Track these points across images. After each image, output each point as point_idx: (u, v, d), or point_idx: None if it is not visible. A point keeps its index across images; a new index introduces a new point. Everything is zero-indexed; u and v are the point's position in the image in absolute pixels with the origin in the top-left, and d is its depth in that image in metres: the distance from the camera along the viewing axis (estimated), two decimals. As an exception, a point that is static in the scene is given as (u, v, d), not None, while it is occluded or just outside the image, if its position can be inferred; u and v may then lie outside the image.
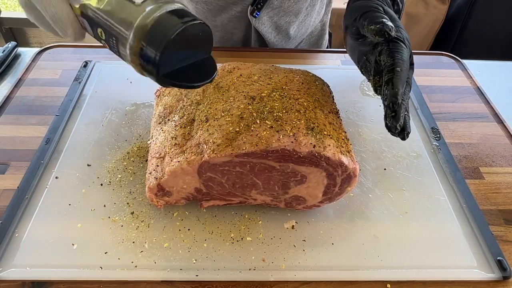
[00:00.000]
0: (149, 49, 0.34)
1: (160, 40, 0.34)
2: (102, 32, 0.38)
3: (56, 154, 0.62)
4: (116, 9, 0.36)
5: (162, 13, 0.34)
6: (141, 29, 0.34)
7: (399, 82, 0.48)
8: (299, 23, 0.91)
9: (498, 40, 1.76)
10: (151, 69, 0.35)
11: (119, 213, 0.55)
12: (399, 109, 0.48)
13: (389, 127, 0.48)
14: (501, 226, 0.57)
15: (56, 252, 0.50)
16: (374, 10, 0.55)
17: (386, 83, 0.49)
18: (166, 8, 0.35)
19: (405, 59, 0.51)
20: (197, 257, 0.51)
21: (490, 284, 0.50)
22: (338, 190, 0.53)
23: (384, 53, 0.52)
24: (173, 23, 0.34)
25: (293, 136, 0.48)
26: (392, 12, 0.57)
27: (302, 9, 0.87)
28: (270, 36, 0.89)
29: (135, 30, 0.34)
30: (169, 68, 0.36)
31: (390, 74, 0.49)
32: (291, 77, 0.57)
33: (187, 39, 0.35)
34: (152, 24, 0.34)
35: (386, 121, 0.49)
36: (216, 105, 0.53)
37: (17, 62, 0.85)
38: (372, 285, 0.49)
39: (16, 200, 0.55)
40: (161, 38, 0.34)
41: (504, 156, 0.68)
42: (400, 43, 0.52)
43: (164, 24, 0.34)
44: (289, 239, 0.53)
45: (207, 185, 0.52)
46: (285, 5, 0.84)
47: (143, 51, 0.35)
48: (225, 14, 0.86)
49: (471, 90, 0.82)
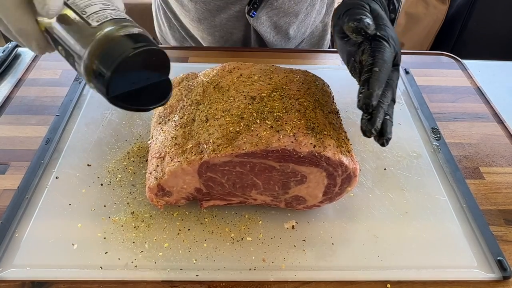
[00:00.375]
0: (100, 69, 0.35)
1: (111, 61, 0.34)
2: (62, 50, 0.39)
3: (56, 154, 0.62)
4: (75, 30, 0.37)
5: (117, 35, 0.35)
6: (94, 49, 0.35)
7: (376, 83, 0.46)
8: (299, 24, 0.91)
9: (498, 40, 1.76)
10: (102, 88, 0.36)
11: (119, 213, 0.55)
12: (376, 112, 0.45)
13: (363, 131, 0.46)
14: (501, 226, 0.57)
15: (56, 252, 0.50)
16: (357, 7, 0.52)
17: (362, 83, 0.47)
18: (123, 32, 0.36)
19: (386, 58, 0.48)
20: (197, 257, 0.51)
21: (490, 284, 0.50)
22: (338, 190, 0.53)
23: (365, 52, 0.49)
24: (126, 46, 0.35)
25: (293, 136, 0.48)
26: (381, 10, 0.54)
27: (302, 10, 0.87)
28: (269, 36, 0.89)
29: (89, 50, 0.35)
30: (121, 89, 0.37)
31: (367, 74, 0.47)
32: (291, 77, 0.57)
33: (140, 63, 0.36)
34: (105, 45, 0.35)
35: (361, 123, 0.46)
36: (216, 105, 0.53)
37: (17, 62, 0.85)
38: (372, 285, 0.49)
39: (16, 200, 0.55)
40: (112, 60, 0.35)
41: (504, 156, 0.68)
42: (382, 42, 0.49)
43: (117, 47, 0.35)
44: (289, 239, 0.53)
45: (207, 185, 0.52)
46: (286, 6, 0.84)
47: (95, 70, 0.35)
48: (223, 14, 0.86)
49: (471, 90, 0.82)
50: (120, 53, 0.35)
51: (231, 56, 0.87)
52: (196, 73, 0.62)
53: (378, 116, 0.46)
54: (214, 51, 0.89)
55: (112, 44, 0.35)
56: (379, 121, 0.46)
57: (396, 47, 0.51)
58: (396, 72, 0.51)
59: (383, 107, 0.47)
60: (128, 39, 0.35)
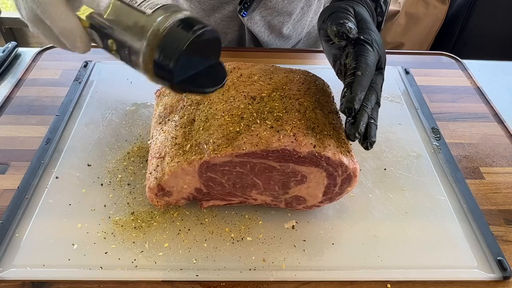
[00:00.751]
0: (163, 59, 0.35)
1: (174, 50, 0.35)
2: (113, 42, 0.38)
3: (56, 154, 0.62)
4: (126, 20, 0.37)
5: (174, 22, 0.35)
6: (154, 40, 0.35)
7: (358, 87, 0.46)
8: (294, 23, 0.91)
9: (498, 40, 1.76)
10: (167, 77, 0.36)
11: (119, 213, 0.55)
12: (359, 116, 0.46)
13: (347, 134, 0.46)
14: (501, 226, 0.57)
15: (56, 252, 0.50)
16: (341, 10, 0.52)
17: (345, 87, 0.47)
18: (177, 17, 0.35)
19: (370, 63, 0.48)
20: (197, 257, 0.51)
21: (490, 284, 0.50)
22: (339, 190, 0.53)
23: (349, 56, 0.50)
24: (184, 32, 0.35)
25: (293, 136, 0.48)
26: (366, 14, 0.54)
27: (296, 9, 0.87)
28: (263, 35, 0.89)
29: (148, 41, 0.35)
30: (182, 75, 0.37)
31: (350, 78, 0.47)
32: (292, 77, 0.57)
33: (199, 47, 0.36)
34: (165, 34, 0.35)
35: (344, 127, 0.47)
36: (216, 105, 0.53)
37: (17, 62, 0.85)
38: (372, 285, 0.49)
39: (16, 200, 0.55)
40: (174, 48, 0.35)
41: (504, 156, 0.68)
42: (366, 46, 0.49)
43: (177, 34, 0.35)
44: (289, 239, 0.53)
45: (207, 185, 0.52)
46: (279, 6, 0.84)
47: (158, 61, 0.35)
48: (218, 13, 0.86)
49: (471, 90, 0.82)
50: (181, 42, 0.35)
51: (231, 56, 0.87)
52: (196, 73, 0.62)
53: (361, 120, 0.46)
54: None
55: (172, 33, 0.35)
56: (362, 124, 0.46)
57: (380, 51, 0.51)
58: (380, 75, 0.51)
59: (366, 110, 0.47)
60: (184, 26, 0.35)
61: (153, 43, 0.35)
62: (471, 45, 1.76)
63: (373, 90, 0.49)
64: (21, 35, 1.87)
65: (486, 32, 1.74)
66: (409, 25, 1.82)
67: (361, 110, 0.46)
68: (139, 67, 0.37)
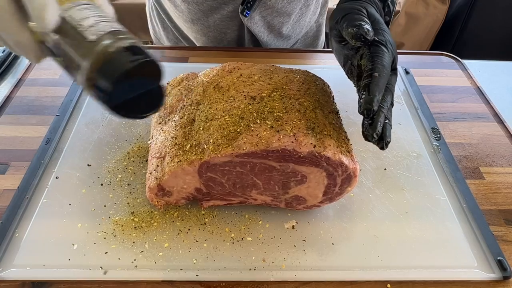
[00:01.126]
0: (101, 82, 0.37)
1: (111, 76, 0.37)
2: (61, 61, 0.41)
3: (56, 154, 0.62)
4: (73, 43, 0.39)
5: (115, 50, 0.37)
6: (94, 64, 0.37)
7: (376, 88, 0.46)
8: (293, 23, 0.91)
9: (498, 40, 1.76)
10: (104, 99, 0.38)
11: (120, 213, 0.55)
12: (377, 117, 0.46)
13: (365, 135, 0.47)
14: (501, 226, 0.57)
15: (56, 252, 0.50)
16: (355, 12, 0.52)
17: (362, 89, 0.47)
18: (119, 45, 0.37)
19: (385, 64, 0.49)
20: (198, 257, 0.51)
21: (490, 284, 0.50)
22: (339, 190, 0.53)
23: (364, 57, 0.50)
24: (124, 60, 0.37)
25: (293, 136, 0.48)
26: (377, 14, 0.55)
27: (295, 10, 0.87)
28: (262, 35, 0.89)
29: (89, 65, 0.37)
30: (120, 98, 0.39)
31: (367, 79, 0.48)
32: (291, 77, 0.57)
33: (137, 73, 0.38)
34: (105, 60, 0.37)
35: (362, 128, 0.47)
36: (216, 105, 0.53)
37: (17, 62, 0.85)
38: (372, 285, 0.49)
39: (16, 200, 0.55)
40: (112, 74, 0.37)
41: (504, 156, 0.68)
42: (381, 47, 0.50)
43: (116, 61, 0.37)
44: (290, 239, 0.53)
45: (208, 185, 0.52)
46: (279, 5, 0.84)
47: (96, 83, 0.38)
48: (217, 14, 0.86)
49: (471, 90, 0.82)
50: (119, 67, 0.37)
51: (231, 56, 0.87)
52: (196, 73, 0.62)
53: (379, 121, 0.46)
54: (214, 51, 0.89)
55: (111, 59, 0.37)
56: (380, 125, 0.46)
57: (393, 52, 0.52)
58: (394, 76, 0.52)
59: (383, 111, 0.47)
60: (125, 52, 0.37)
61: (93, 67, 0.37)
62: (471, 45, 1.76)
63: (388, 91, 0.49)
64: (21, 35, 1.86)
65: (486, 32, 1.74)
66: (409, 25, 1.82)
67: (378, 111, 0.47)
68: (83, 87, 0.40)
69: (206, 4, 0.84)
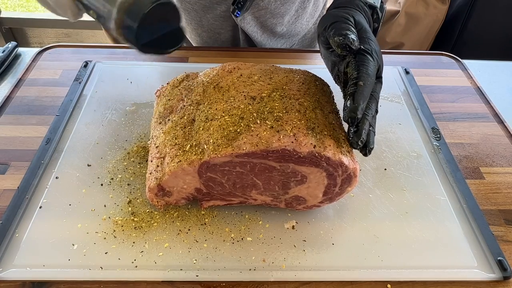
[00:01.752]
0: (129, 22, 0.44)
1: (137, 14, 0.44)
2: (94, 13, 0.49)
3: (56, 154, 0.62)
4: None
5: None
6: (122, 7, 0.45)
7: (361, 97, 0.48)
8: (288, 25, 0.91)
9: (498, 40, 1.76)
10: (132, 38, 0.45)
11: (120, 213, 0.55)
12: (361, 125, 0.48)
13: (350, 142, 0.48)
14: (501, 226, 0.57)
15: (56, 252, 0.50)
16: (342, 20, 0.53)
17: (348, 97, 0.49)
18: None
19: (370, 72, 0.50)
20: (198, 257, 0.51)
21: (490, 284, 0.50)
22: (339, 190, 0.53)
23: (350, 66, 0.51)
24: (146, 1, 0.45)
25: (293, 136, 0.48)
26: (365, 22, 0.55)
27: (289, 11, 0.87)
28: (256, 35, 0.89)
29: (117, 8, 0.45)
30: (146, 38, 0.46)
31: (352, 88, 0.49)
32: (292, 77, 0.57)
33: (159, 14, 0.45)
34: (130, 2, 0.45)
35: (347, 135, 0.49)
36: (216, 105, 0.53)
37: (17, 62, 0.85)
38: (372, 285, 0.49)
39: (16, 200, 0.55)
40: (137, 12, 0.44)
41: (504, 156, 0.68)
42: (366, 56, 0.51)
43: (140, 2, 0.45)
44: (290, 239, 0.53)
45: (208, 185, 0.52)
46: (272, 7, 0.84)
47: (124, 23, 0.45)
48: (210, 14, 0.86)
49: (471, 90, 0.82)
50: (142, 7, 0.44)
51: (232, 56, 0.87)
52: (196, 73, 0.62)
53: (363, 129, 0.48)
54: (215, 51, 0.89)
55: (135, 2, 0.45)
56: (364, 133, 0.48)
57: (379, 60, 0.53)
58: (379, 84, 0.53)
59: (367, 119, 0.49)
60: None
61: (121, 10, 0.45)
62: (471, 45, 1.76)
63: (373, 99, 0.50)
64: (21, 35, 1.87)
65: (486, 32, 1.74)
66: (409, 25, 1.82)
67: (363, 119, 0.48)
68: (113, 31, 0.46)
69: (199, 4, 0.84)
